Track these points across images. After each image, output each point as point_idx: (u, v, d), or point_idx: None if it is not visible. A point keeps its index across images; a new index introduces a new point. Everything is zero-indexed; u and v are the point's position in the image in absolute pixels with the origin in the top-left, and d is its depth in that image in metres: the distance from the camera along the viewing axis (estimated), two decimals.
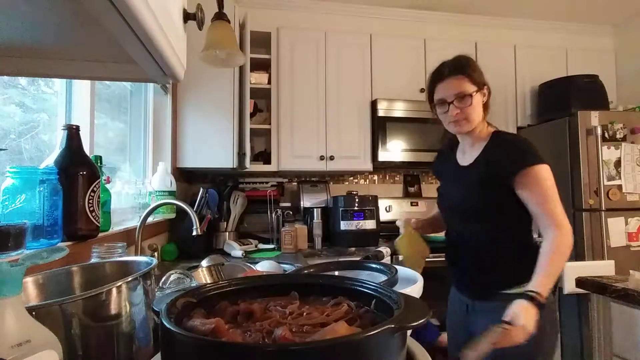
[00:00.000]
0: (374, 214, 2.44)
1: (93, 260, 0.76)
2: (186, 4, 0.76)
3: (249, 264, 1.18)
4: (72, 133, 0.93)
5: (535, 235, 1.18)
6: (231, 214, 2.36)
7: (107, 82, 1.63)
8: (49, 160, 0.92)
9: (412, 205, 2.86)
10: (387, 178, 3.05)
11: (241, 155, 2.23)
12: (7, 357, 0.35)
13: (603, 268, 1.92)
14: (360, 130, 2.63)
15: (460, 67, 1.16)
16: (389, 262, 0.96)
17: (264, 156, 2.64)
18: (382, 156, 2.58)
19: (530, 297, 0.95)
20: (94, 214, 0.96)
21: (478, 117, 1.18)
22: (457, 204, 1.24)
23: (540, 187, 1.07)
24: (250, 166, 2.34)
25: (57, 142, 0.97)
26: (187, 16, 0.73)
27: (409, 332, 0.39)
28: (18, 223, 0.58)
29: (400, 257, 1.35)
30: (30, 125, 1.23)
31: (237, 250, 2.09)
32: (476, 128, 1.20)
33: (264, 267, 1.14)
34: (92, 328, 0.49)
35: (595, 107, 2.49)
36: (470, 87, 1.14)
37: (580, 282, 1.44)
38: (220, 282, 0.52)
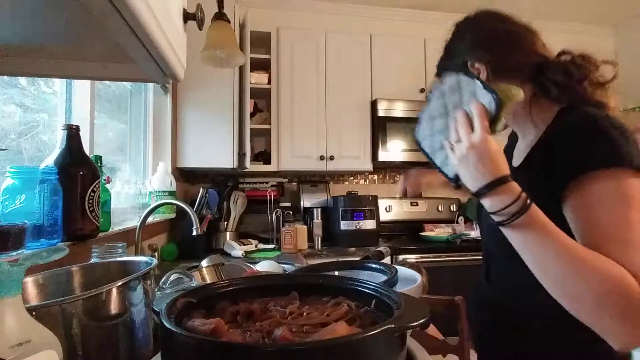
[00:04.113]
0: (374, 214, 2.44)
1: (93, 260, 0.76)
2: (186, 4, 0.76)
3: (249, 264, 1.17)
4: (72, 133, 0.93)
5: None
6: (231, 214, 2.36)
7: (107, 82, 1.63)
8: (49, 160, 0.92)
9: (412, 205, 2.86)
10: (387, 178, 3.05)
11: (241, 155, 2.23)
12: (6, 357, 0.35)
13: None
14: (360, 130, 2.63)
15: None
16: (388, 262, 0.96)
17: (264, 156, 2.64)
18: (382, 156, 2.58)
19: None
20: (94, 214, 0.96)
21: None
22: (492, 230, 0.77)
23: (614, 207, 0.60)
24: (250, 166, 2.34)
25: (57, 142, 0.97)
26: (187, 16, 0.73)
27: (409, 332, 0.39)
28: (18, 223, 0.58)
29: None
30: (30, 125, 1.23)
31: (237, 250, 2.09)
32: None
33: (264, 267, 1.13)
34: (92, 328, 0.49)
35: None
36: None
37: None
38: (220, 282, 0.52)
